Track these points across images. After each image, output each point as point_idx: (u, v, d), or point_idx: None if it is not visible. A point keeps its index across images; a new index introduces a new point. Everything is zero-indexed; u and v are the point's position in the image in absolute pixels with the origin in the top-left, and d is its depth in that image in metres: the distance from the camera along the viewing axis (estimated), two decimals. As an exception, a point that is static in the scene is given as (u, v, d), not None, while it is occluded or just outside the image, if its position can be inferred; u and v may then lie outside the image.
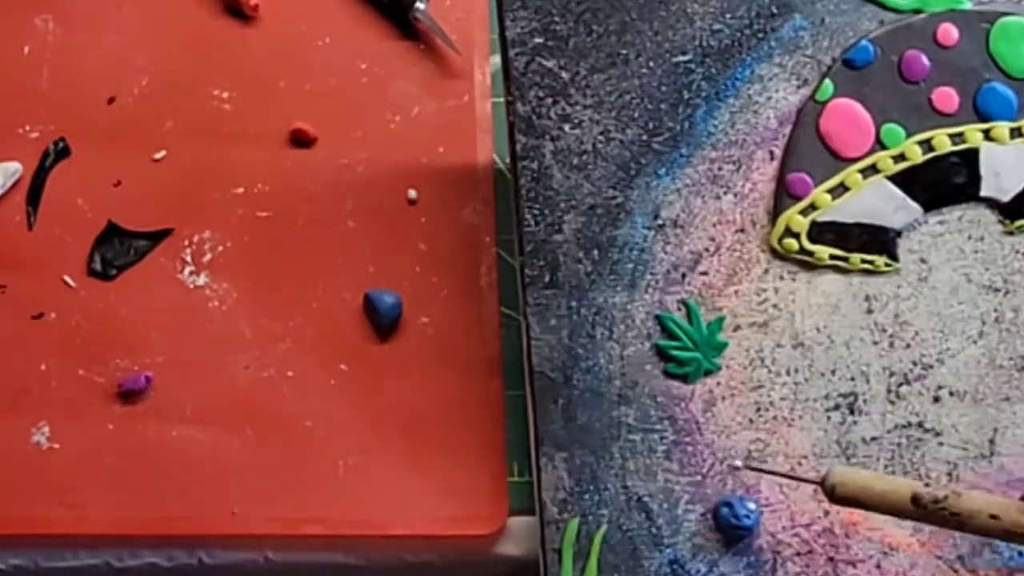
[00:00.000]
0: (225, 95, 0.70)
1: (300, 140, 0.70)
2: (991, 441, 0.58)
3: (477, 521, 0.64)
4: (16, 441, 0.65)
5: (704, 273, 0.59)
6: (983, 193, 0.59)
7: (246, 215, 0.68)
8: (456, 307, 0.67)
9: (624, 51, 0.59)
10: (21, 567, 0.64)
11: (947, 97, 0.59)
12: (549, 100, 0.59)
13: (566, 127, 0.59)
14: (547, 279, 0.59)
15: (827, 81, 0.59)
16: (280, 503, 0.64)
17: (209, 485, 0.64)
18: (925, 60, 0.59)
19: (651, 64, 0.59)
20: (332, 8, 0.72)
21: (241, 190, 0.69)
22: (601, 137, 0.59)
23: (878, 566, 0.57)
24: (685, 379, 0.58)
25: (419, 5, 0.71)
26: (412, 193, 0.69)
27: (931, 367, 0.58)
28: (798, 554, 0.57)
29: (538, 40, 0.59)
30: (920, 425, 0.58)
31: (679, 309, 0.58)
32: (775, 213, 0.59)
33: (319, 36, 0.71)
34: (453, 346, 0.66)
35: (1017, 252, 0.59)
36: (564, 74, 0.59)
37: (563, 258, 0.59)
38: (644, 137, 0.59)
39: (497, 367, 0.66)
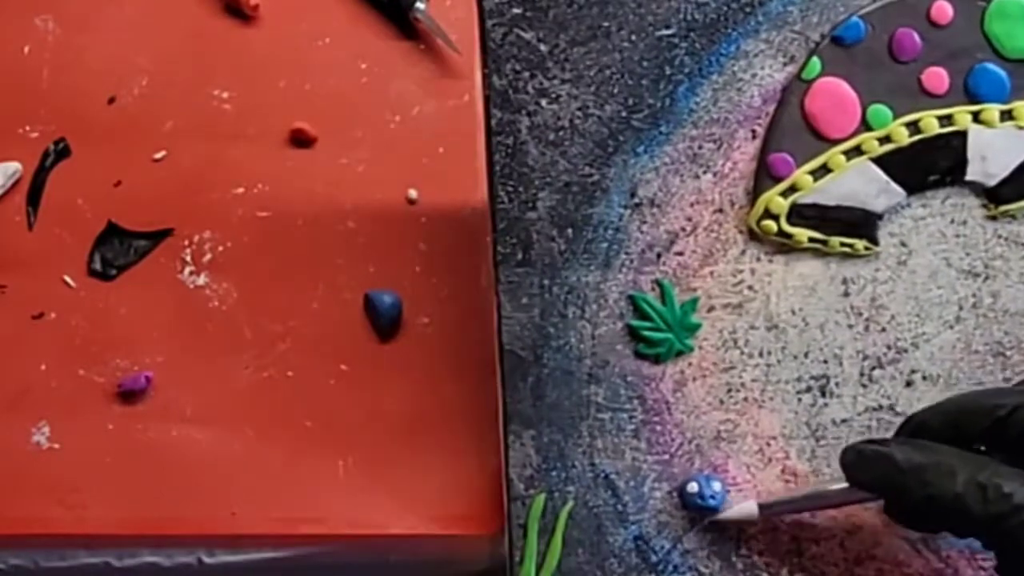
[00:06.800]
0: (225, 95, 0.70)
1: (300, 140, 0.70)
2: None
3: (477, 521, 0.64)
4: (16, 441, 0.65)
5: (680, 253, 0.58)
6: (969, 177, 0.57)
7: (246, 215, 0.68)
8: (456, 307, 0.67)
9: (606, 23, 0.57)
10: (21, 567, 0.64)
11: (937, 77, 0.57)
12: (526, 74, 0.57)
13: (543, 102, 0.58)
14: (519, 257, 0.58)
15: (814, 58, 0.58)
16: (280, 503, 0.64)
17: (209, 485, 0.64)
18: (917, 38, 0.57)
19: (633, 38, 0.58)
20: (332, 8, 0.72)
21: (241, 190, 0.69)
22: (579, 113, 0.58)
23: (842, 544, 0.57)
24: (656, 360, 0.58)
25: (419, 5, 0.71)
26: (412, 193, 0.69)
27: (905, 351, 0.58)
28: (762, 532, 0.57)
29: (516, 11, 0.57)
30: (891, 408, 0.58)
31: (653, 289, 0.58)
32: (755, 194, 0.58)
33: (319, 36, 0.71)
34: (453, 346, 0.66)
35: (999, 237, 0.58)
36: (543, 47, 0.57)
37: (536, 236, 0.58)
38: (623, 114, 0.58)
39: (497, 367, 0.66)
